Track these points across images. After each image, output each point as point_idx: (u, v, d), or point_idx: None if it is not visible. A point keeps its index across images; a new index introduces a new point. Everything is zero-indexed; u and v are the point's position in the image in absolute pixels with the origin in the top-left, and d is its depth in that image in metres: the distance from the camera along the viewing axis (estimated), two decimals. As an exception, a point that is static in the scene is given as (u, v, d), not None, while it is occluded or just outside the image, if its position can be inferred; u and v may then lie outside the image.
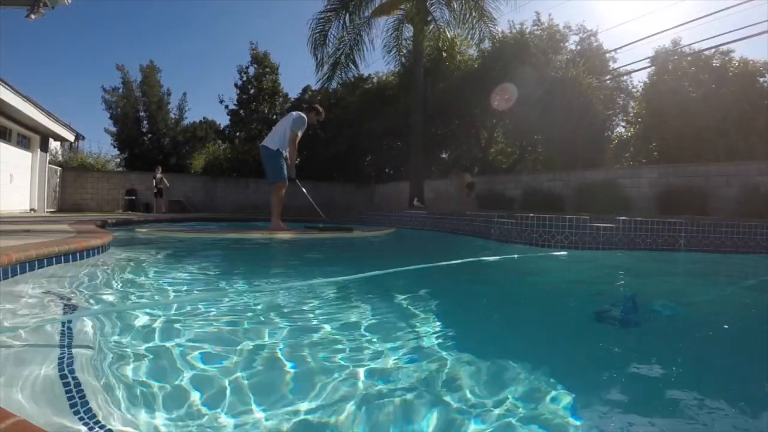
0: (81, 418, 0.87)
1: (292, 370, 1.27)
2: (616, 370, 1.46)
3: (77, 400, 0.93)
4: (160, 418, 0.97)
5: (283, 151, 5.56)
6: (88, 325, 1.52)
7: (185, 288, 2.42)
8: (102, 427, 0.85)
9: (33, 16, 4.92)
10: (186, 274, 2.80)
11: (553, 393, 1.17)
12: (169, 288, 2.34)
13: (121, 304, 2.00)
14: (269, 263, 3.92)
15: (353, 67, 11.90)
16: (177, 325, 1.63)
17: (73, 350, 1.23)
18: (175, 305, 1.92)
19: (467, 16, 10.89)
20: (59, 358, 1.15)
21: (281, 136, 5.58)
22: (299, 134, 5.67)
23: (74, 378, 1.04)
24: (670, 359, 1.57)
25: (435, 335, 1.65)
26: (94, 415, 0.88)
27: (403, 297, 2.29)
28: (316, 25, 11.21)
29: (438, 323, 1.82)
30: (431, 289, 2.56)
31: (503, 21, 18.65)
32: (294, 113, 5.75)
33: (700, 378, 1.40)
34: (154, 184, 12.65)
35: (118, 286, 2.30)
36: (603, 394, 1.24)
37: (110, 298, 2.06)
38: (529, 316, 2.26)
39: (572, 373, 1.41)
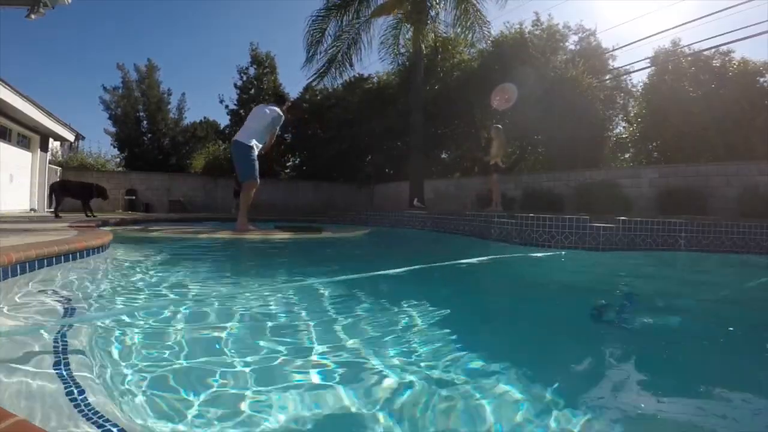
0: (84, 416, 0.87)
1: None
2: (613, 369, 1.46)
3: (77, 398, 0.93)
4: (155, 414, 0.98)
5: (257, 148, 5.48)
6: (87, 324, 1.53)
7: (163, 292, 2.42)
8: (111, 423, 0.85)
9: (33, 16, 4.90)
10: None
11: (548, 394, 1.17)
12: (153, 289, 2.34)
13: (119, 304, 2.00)
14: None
15: (350, 66, 11.89)
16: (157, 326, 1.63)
17: (72, 350, 1.23)
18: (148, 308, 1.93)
19: (463, 16, 10.91)
20: (58, 358, 1.15)
21: (256, 132, 5.47)
22: (276, 131, 5.67)
23: (74, 377, 1.04)
24: (668, 358, 1.57)
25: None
26: (96, 414, 0.88)
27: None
28: (312, 22, 11.19)
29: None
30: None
31: (500, 21, 18.66)
32: (270, 110, 5.61)
33: (697, 377, 1.40)
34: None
35: (118, 286, 2.30)
36: (598, 393, 1.24)
37: (109, 297, 2.07)
38: (525, 319, 2.26)
39: (568, 374, 1.41)
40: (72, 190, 6.94)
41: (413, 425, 0.99)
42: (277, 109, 5.65)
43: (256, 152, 5.45)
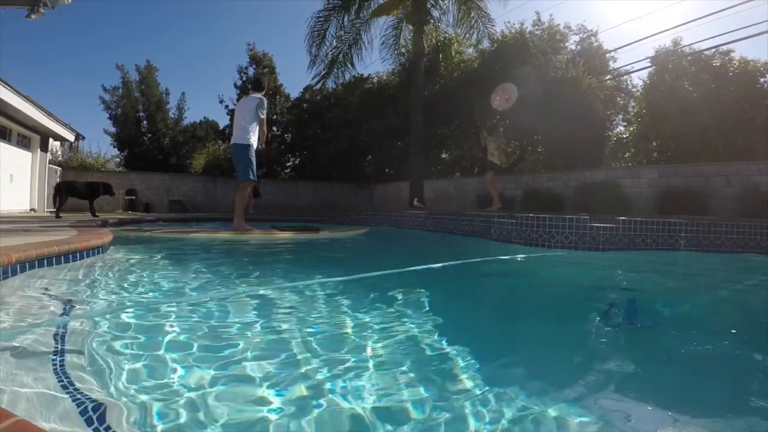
0: (82, 413, 0.87)
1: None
2: (615, 371, 1.46)
3: (76, 397, 0.93)
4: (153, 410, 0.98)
5: (254, 144, 5.51)
6: (86, 323, 1.53)
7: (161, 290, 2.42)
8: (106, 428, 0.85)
9: (33, 16, 4.90)
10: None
11: (550, 395, 1.17)
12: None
13: (120, 303, 2.00)
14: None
15: (351, 66, 11.91)
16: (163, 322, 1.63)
17: (71, 348, 1.23)
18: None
19: (466, 16, 10.92)
20: (56, 356, 1.15)
21: (248, 125, 5.47)
22: (265, 116, 5.67)
23: (72, 374, 1.04)
24: (670, 360, 1.57)
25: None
26: (95, 410, 0.88)
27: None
28: (314, 24, 11.21)
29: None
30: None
31: (501, 21, 18.68)
32: (251, 99, 5.61)
33: (700, 379, 1.40)
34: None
35: (116, 285, 2.30)
36: (599, 395, 1.24)
37: (109, 296, 2.06)
38: (527, 319, 2.26)
39: (571, 375, 1.41)
40: (79, 190, 6.99)
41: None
42: (257, 95, 5.68)
43: (254, 149, 5.49)
